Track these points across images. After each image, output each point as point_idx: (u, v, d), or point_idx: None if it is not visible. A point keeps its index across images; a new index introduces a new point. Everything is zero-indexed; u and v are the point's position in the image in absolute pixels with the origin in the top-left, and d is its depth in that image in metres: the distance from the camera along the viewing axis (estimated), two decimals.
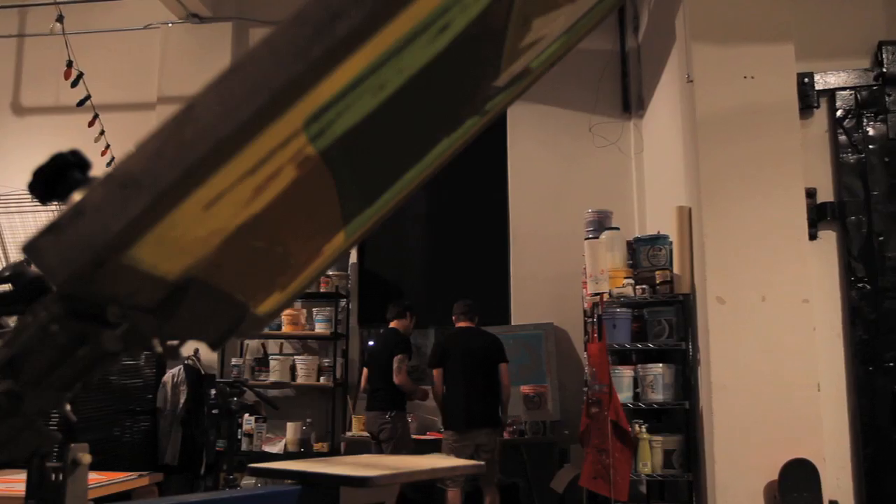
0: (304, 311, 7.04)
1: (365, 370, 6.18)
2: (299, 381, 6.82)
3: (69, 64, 5.39)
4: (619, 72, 7.15)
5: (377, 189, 1.06)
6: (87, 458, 1.29)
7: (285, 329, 6.94)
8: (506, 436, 6.25)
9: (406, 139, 1.00)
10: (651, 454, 4.88)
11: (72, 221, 0.68)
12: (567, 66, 7.29)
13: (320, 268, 1.16)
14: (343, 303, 7.06)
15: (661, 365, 4.96)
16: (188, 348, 6.97)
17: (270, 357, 6.94)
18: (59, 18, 4.66)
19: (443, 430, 5.82)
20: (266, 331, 6.98)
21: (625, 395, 4.98)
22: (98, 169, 0.72)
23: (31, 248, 0.68)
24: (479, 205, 7.43)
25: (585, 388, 5.27)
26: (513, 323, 7.01)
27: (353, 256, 7.26)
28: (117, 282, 0.73)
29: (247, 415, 6.68)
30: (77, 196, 0.71)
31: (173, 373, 6.67)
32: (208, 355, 6.99)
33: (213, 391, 6.65)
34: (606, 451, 4.76)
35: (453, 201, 7.48)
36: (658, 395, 4.95)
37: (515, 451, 6.41)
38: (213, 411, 6.71)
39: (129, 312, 0.77)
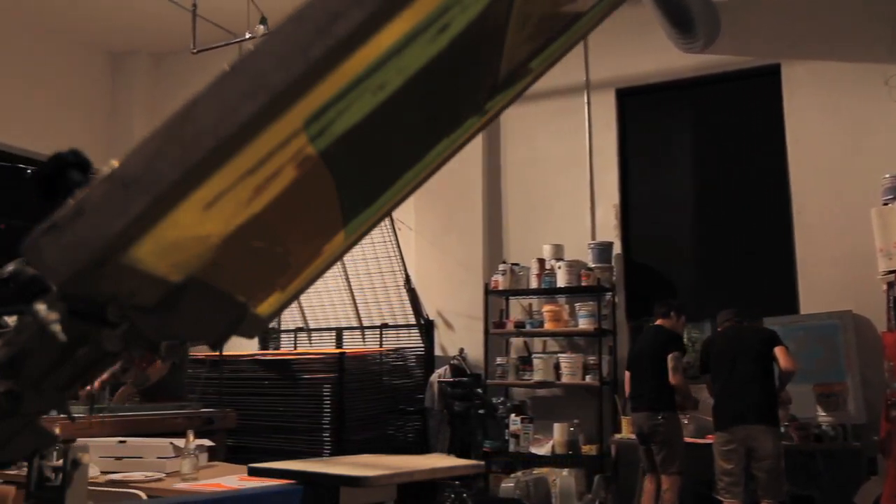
0: (567, 306, 6.78)
1: (627, 374, 5.88)
2: (564, 379, 6.56)
3: None
4: None
5: (377, 189, 1.05)
6: (86, 458, 1.28)
7: (547, 326, 6.72)
8: (796, 439, 5.52)
9: (406, 139, 1.00)
10: None
11: (72, 221, 0.68)
12: (849, 12, 6.31)
13: (320, 268, 1.13)
14: (608, 297, 6.69)
15: None
16: (455, 348, 7.02)
17: (534, 356, 6.75)
18: (263, 21, 4.82)
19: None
20: (528, 328, 6.82)
21: None
22: None
23: (31, 247, 0.68)
24: (755, 181, 6.73)
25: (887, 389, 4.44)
26: (802, 312, 6.22)
27: (617, 247, 6.86)
28: (117, 282, 0.74)
29: (513, 415, 6.58)
30: (77, 196, 0.72)
31: (440, 372, 6.74)
32: (475, 354, 6.98)
33: (478, 390, 6.65)
34: None
35: (726, 179, 6.85)
36: None
37: (810, 459, 5.63)
38: (480, 411, 6.74)
39: (129, 312, 0.78)
